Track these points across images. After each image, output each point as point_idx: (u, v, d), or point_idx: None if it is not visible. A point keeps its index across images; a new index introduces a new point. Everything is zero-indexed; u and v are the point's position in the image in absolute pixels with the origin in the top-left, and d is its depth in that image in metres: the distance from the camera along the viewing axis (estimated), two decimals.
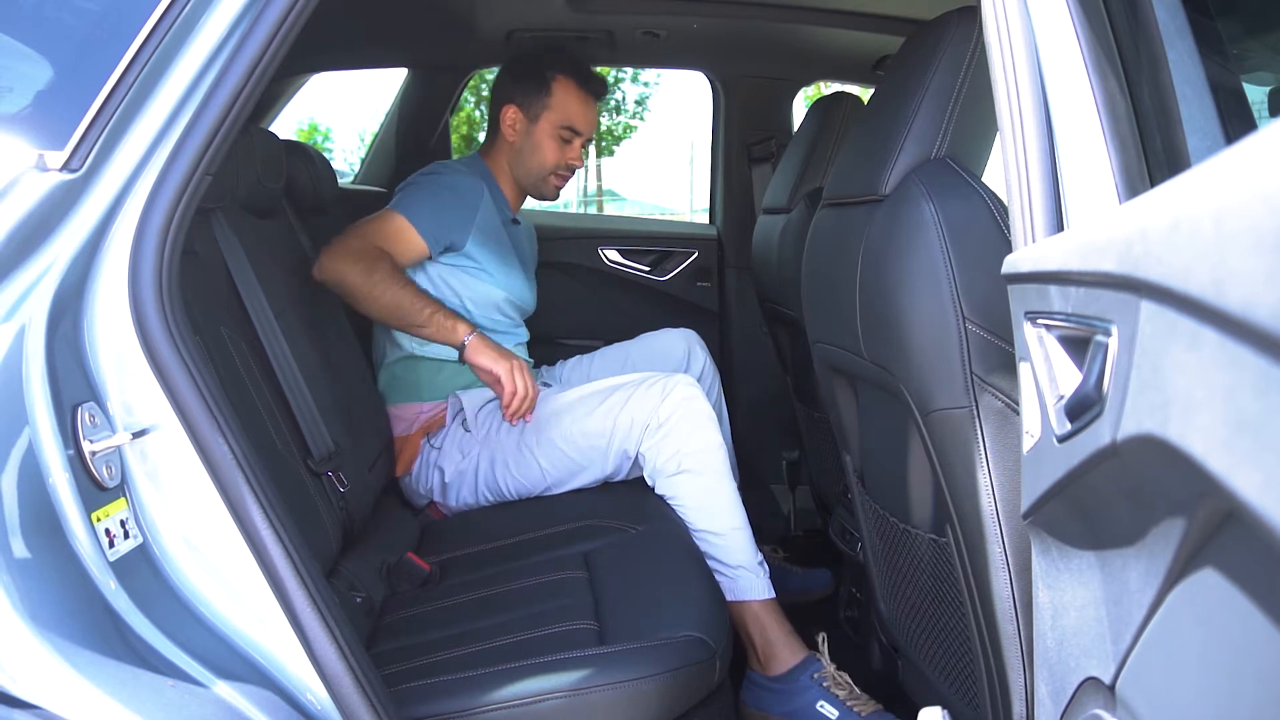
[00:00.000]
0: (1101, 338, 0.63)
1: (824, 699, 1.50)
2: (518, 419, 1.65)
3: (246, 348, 1.31)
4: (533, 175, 1.94)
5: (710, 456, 1.61)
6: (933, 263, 1.06)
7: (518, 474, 1.74)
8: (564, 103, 1.91)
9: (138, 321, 0.85)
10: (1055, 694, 0.80)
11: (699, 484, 1.61)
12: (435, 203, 1.75)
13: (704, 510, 1.60)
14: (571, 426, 1.70)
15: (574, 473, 1.73)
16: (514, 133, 1.91)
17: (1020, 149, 0.84)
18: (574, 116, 1.92)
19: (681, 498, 1.62)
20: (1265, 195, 0.40)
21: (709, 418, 1.63)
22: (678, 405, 1.62)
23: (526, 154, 1.92)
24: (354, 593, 1.37)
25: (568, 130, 1.92)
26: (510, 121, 1.91)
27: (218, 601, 0.87)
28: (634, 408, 1.65)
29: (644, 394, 1.65)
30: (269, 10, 0.88)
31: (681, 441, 1.61)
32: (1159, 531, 0.57)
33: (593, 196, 18.88)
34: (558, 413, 1.73)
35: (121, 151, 0.86)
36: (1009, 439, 1.03)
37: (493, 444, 1.75)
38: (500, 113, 1.92)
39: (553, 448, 1.71)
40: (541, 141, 1.91)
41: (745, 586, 1.59)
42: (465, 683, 1.14)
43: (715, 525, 1.60)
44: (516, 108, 1.91)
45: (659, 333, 2.06)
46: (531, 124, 1.91)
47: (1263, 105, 1.32)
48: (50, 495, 0.78)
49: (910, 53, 1.26)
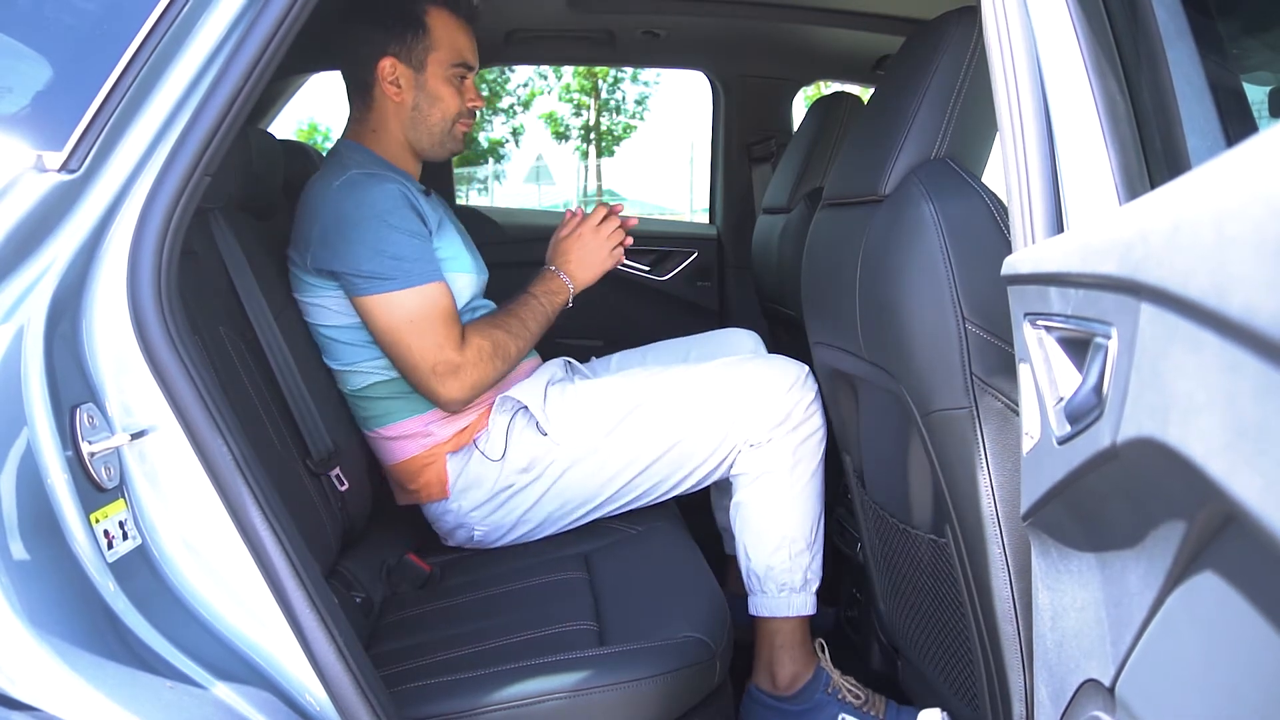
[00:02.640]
0: (1101, 340, 0.62)
1: (843, 711, 1.46)
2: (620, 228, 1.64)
3: (245, 348, 1.31)
4: (436, 133, 1.58)
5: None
6: (933, 263, 1.06)
7: (610, 472, 1.51)
8: (448, 36, 1.56)
9: (136, 322, 0.85)
10: (1055, 695, 0.79)
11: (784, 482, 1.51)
12: (410, 246, 1.43)
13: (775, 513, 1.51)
14: (683, 404, 1.51)
15: (679, 459, 1.52)
16: (398, 90, 1.54)
17: (1020, 149, 0.84)
18: (463, 49, 1.58)
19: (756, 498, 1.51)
20: (1266, 199, 0.40)
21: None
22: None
23: (425, 110, 1.56)
24: (353, 593, 1.37)
25: (461, 68, 1.58)
26: (390, 77, 1.53)
27: (216, 603, 0.87)
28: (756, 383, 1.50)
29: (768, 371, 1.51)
30: (268, 10, 0.88)
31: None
32: (1159, 534, 0.57)
33: (593, 196, 18.89)
34: (657, 392, 1.53)
35: (120, 152, 0.86)
36: (1009, 440, 1.03)
37: (577, 441, 1.50)
38: (374, 72, 1.53)
39: (664, 427, 1.50)
40: (438, 90, 1.56)
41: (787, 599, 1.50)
42: (465, 683, 1.14)
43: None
44: (394, 59, 1.52)
45: (724, 331, 1.87)
46: (419, 73, 1.55)
47: (1263, 105, 1.32)
48: (49, 496, 0.78)
49: (910, 53, 1.26)
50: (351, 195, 1.43)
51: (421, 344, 1.42)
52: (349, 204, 1.43)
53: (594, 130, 19.27)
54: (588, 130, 19.30)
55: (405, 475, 1.55)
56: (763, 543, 1.48)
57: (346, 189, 1.44)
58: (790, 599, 1.48)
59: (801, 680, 1.49)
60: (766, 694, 1.49)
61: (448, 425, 1.52)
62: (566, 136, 19.42)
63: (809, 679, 1.49)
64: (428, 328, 1.42)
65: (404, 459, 1.54)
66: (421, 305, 1.42)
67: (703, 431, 1.50)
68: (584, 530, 1.57)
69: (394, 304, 1.42)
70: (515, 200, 19.79)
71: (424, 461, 1.53)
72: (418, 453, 1.53)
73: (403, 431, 1.53)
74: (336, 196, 1.44)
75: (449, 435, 1.52)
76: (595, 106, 19.14)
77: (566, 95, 19.11)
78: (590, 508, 1.56)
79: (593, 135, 19.27)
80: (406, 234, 1.43)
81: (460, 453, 1.52)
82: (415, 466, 1.54)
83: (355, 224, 1.42)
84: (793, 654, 1.49)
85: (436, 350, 1.42)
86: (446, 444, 1.52)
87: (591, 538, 1.55)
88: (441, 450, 1.52)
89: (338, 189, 1.45)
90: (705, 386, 1.52)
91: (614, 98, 19.28)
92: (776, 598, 1.48)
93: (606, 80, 18.65)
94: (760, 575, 1.49)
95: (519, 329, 1.51)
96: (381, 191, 1.44)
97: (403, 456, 1.54)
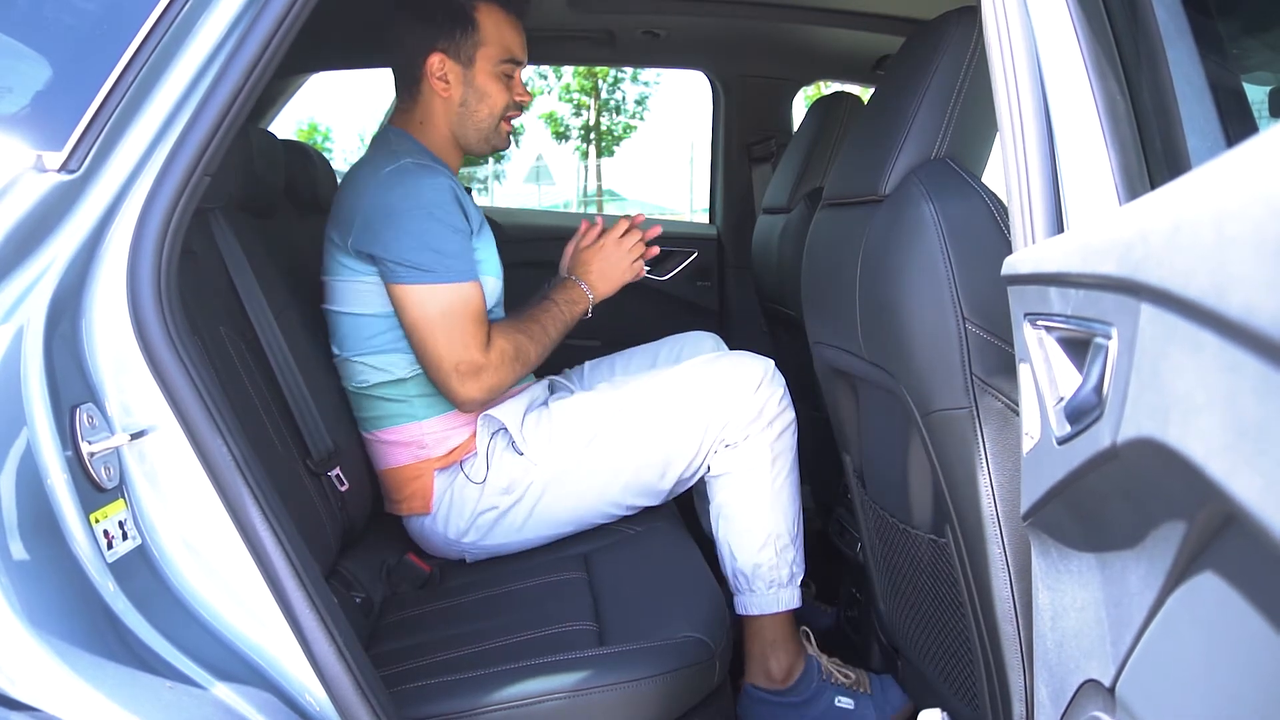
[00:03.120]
0: (1101, 340, 0.62)
1: (837, 693, 1.48)
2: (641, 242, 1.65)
3: (245, 348, 1.31)
4: (484, 129, 1.59)
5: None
6: (933, 263, 1.06)
7: (591, 486, 1.52)
8: (497, 32, 1.55)
9: (136, 322, 0.85)
10: (1055, 695, 0.79)
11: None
12: (454, 242, 1.44)
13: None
14: (656, 410, 1.52)
15: (659, 466, 1.53)
16: (446, 85, 1.54)
17: (1020, 149, 0.84)
18: (512, 45, 1.57)
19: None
20: (1266, 199, 0.40)
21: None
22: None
23: (473, 106, 1.56)
24: (353, 593, 1.37)
25: (510, 64, 1.57)
26: (439, 73, 1.53)
27: (216, 603, 0.87)
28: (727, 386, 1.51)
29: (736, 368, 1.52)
30: (268, 10, 0.88)
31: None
32: (1159, 534, 0.57)
33: (593, 196, 18.90)
34: (629, 402, 1.54)
35: (120, 152, 0.86)
36: (1009, 440, 1.03)
37: (554, 460, 1.50)
38: (422, 67, 1.54)
39: (640, 436, 1.51)
40: (486, 86, 1.56)
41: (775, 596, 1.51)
42: (464, 683, 1.14)
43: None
44: (442, 55, 1.53)
45: (686, 335, 1.87)
46: (467, 69, 1.54)
47: (1263, 105, 1.32)
48: (49, 496, 0.78)
49: (910, 53, 1.25)
50: (401, 183, 1.44)
51: (450, 340, 1.42)
52: (398, 192, 1.44)
53: (594, 130, 19.27)
54: (588, 130, 19.30)
55: (393, 484, 1.56)
56: (748, 541, 1.49)
57: (397, 176, 1.45)
58: (779, 594, 1.49)
59: (796, 671, 1.50)
60: (765, 690, 1.50)
61: (441, 443, 1.52)
62: (566, 136, 19.42)
63: (803, 669, 1.50)
64: (457, 325, 1.42)
65: (395, 466, 1.54)
66: (455, 302, 1.42)
67: (679, 436, 1.50)
68: (583, 530, 1.57)
69: (429, 297, 1.42)
70: (515, 200, 19.79)
71: (413, 474, 1.53)
72: (409, 462, 1.53)
73: (399, 437, 1.52)
74: (386, 182, 1.45)
75: (441, 452, 1.52)
76: (595, 106, 19.14)
77: (566, 95, 19.11)
78: (576, 524, 1.55)
79: (593, 135, 19.27)
80: (451, 229, 1.44)
81: (448, 471, 1.52)
82: (404, 477, 1.54)
83: (403, 213, 1.42)
84: (786, 647, 1.50)
85: (463, 349, 1.42)
86: (437, 460, 1.52)
87: (591, 538, 1.55)
88: (430, 466, 1.52)
89: (388, 175, 1.45)
90: (676, 391, 1.52)
91: (614, 98, 19.28)
92: (766, 595, 1.49)
93: (606, 80, 18.64)
94: (748, 574, 1.49)
95: (540, 334, 1.52)
96: (432, 184, 1.45)
97: (394, 464, 1.54)
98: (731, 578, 1.51)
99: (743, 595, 1.50)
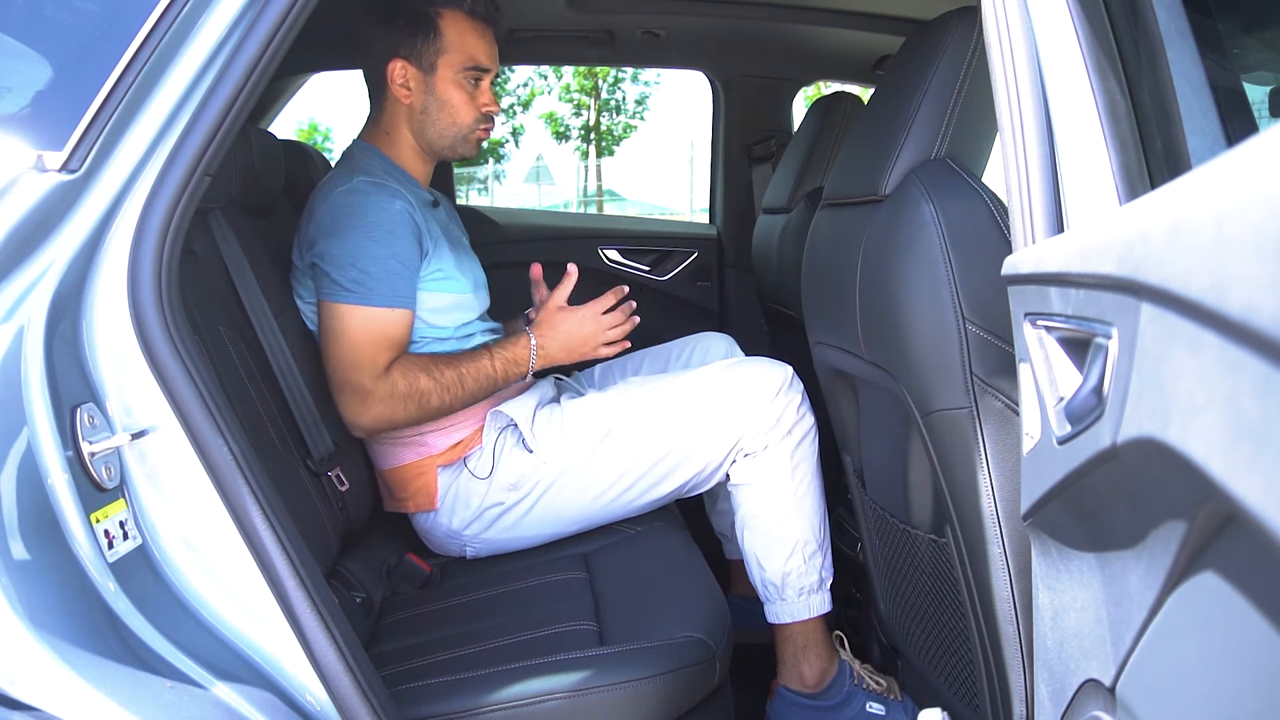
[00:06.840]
0: (1102, 340, 0.62)
1: (869, 699, 1.48)
2: (624, 334, 1.55)
3: (246, 348, 1.31)
4: (448, 137, 1.56)
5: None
6: (933, 263, 1.06)
7: (599, 487, 1.50)
8: (460, 39, 1.52)
9: (137, 322, 0.85)
10: (1055, 695, 0.79)
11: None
12: (383, 265, 1.41)
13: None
14: (671, 414, 1.50)
15: (669, 470, 1.52)
16: (408, 92, 1.53)
17: (1020, 149, 0.84)
18: (476, 52, 1.54)
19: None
20: (1266, 199, 0.40)
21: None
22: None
23: (434, 113, 1.54)
24: (354, 593, 1.37)
25: (473, 71, 1.54)
26: (400, 79, 1.52)
27: (217, 603, 0.87)
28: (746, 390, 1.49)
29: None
30: (268, 10, 0.88)
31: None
32: (1159, 534, 0.57)
33: (592, 196, 18.91)
34: (643, 405, 1.52)
35: (120, 152, 0.86)
36: (1009, 440, 1.03)
37: (564, 459, 1.49)
38: (385, 73, 1.52)
39: (652, 439, 1.50)
40: (448, 94, 1.54)
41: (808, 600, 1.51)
42: (465, 683, 1.14)
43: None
44: (404, 61, 1.52)
45: (698, 336, 1.86)
46: (429, 75, 1.53)
47: (1263, 105, 1.32)
48: (49, 496, 0.78)
49: (910, 53, 1.26)
50: (349, 201, 1.44)
51: (341, 359, 1.41)
52: (344, 209, 1.43)
53: (594, 130, 19.28)
54: (588, 130, 19.32)
55: (396, 482, 1.55)
56: (776, 551, 1.48)
57: (348, 195, 1.44)
58: (809, 600, 1.49)
59: (829, 676, 1.50)
60: (797, 693, 1.50)
61: (443, 437, 1.51)
62: (566, 136, 19.44)
63: (835, 673, 1.50)
64: (355, 347, 1.40)
65: (397, 465, 1.53)
66: (362, 325, 1.40)
67: (693, 442, 1.49)
68: (583, 531, 1.57)
69: (339, 314, 1.41)
70: (515, 200, 19.79)
71: (416, 471, 1.52)
72: (411, 460, 1.52)
73: (399, 436, 1.51)
74: (337, 200, 1.45)
75: (443, 448, 1.51)
76: (595, 106, 19.16)
77: (566, 95, 19.13)
78: (581, 524, 1.55)
79: (593, 135, 19.28)
80: (387, 254, 1.42)
81: (451, 467, 1.51)
82: (407, 475, 1.53)
83: (343, 229, 1.42)
84: (818, 651, 1.50)
85: (352, 369, 1.40)
86: (440, 456, 1.51)
87: (592, 538, 1.55)
88: (434, 462, 1.51)
89: (341, 194, 1.45)
90: (692, 395, 1.51)
91: (614, 98, 19.31)
92: (796, 602, 1.48)
93: (606, 80, 18.66)
94: (777, 584, 1.48)
95: (453, 385, 1.45)
96: (378, 204, 1.43)
97: (396, 463, 1.53)
98: (761, 587, 1.50)
99: (773, 604, 1.50)
